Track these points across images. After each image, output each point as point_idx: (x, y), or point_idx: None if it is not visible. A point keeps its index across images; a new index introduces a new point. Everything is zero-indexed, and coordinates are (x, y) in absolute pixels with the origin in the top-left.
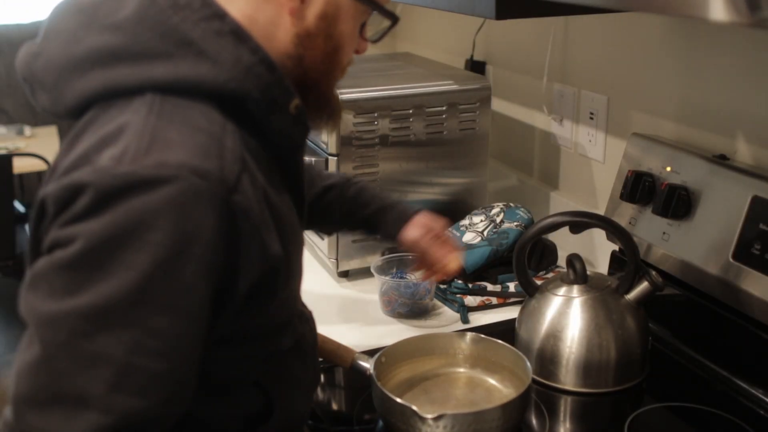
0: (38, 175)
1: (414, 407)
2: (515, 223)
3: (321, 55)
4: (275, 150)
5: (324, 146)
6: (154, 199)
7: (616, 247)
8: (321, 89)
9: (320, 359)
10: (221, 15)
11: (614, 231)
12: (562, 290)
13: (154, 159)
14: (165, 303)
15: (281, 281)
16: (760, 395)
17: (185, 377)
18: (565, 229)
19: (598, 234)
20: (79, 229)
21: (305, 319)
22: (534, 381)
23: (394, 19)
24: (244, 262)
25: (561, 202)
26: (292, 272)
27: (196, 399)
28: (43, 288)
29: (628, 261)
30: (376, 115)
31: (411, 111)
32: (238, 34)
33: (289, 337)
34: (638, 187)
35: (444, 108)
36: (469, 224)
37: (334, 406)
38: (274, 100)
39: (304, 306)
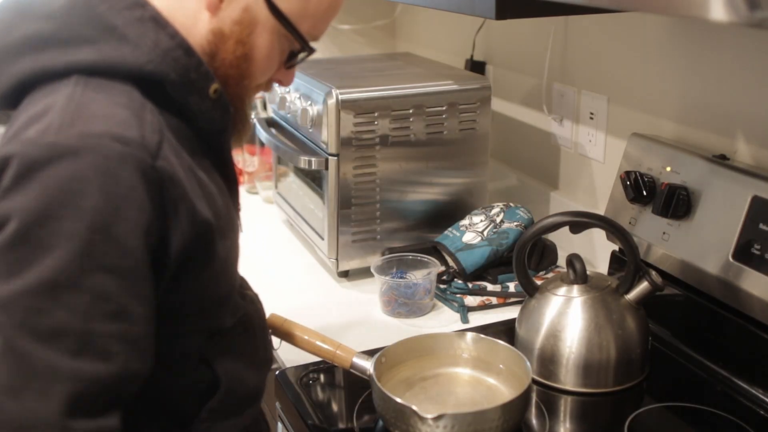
0: None
1: (414, 407)
2: (515, 223)
3: (231, 58)
4: (200, 133)
5: (324, 146)
6: (80, 167)
7: (616, 247)
8: (229, 91)
9: (320, 358)
10: (142, 3)
11: (614, 231)
12: (562, 290)
13: (78, 130)
14: (109, 265)
15: (213, 250)
16: (760, 395)
17: (143, 335)
18: (565, 229)
19: (598, 234)
20: (10, 206)
21: (250, 299)
22: (534, 381)
23: (310, 51)
24: (174, 224)
25: (561, 202)
26: (226, 246)
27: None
28: None
29: (628, 261)
30: (376, 115)
31: (411, 111)
32: (157, 20)
33: (230, 315)
34: (635, 187)
35: (444, 108)
36: (469, 224)
37: (334, 406)
38: (192, 83)
39: (249, 289)
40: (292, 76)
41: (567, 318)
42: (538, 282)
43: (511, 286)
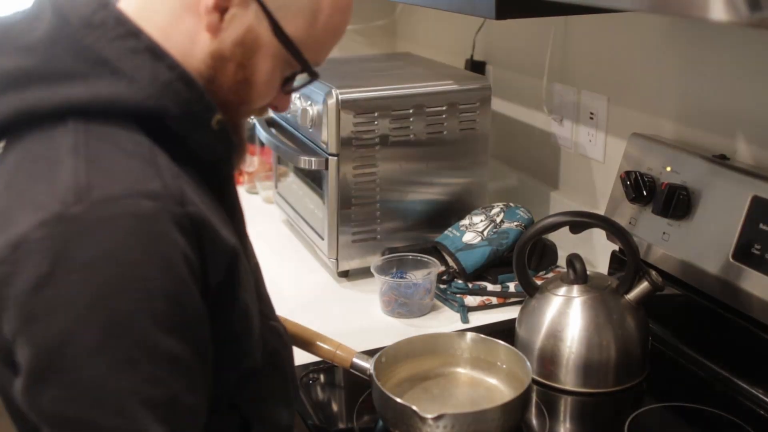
0: None
1: (414, 407)
2: (515, 223)
3: (231, 82)
4: (202, 166)
5: (324, 146)
6: (117, 237)
7: (616, 247)
8: (229, 116)
9: (320, 358)
10: (136, 33)
11: (614, 231)
12: (562, 290)
13: (100, 194)
14: (177, 327)
15: (239, 278)
16: (761, 395)
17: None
18: (565, 229)
19: (598, 234)
20: (55, 302)
21: (277, 332)
22: (534, 381)
23: (314, 76)
24: (210, 263)
25: (561, 202)
26: (246, 271)
27: None
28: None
29: (628, 261)
30: (376, 115)
31: (411, 111)
32: (154, 51)
33: (260, 350)
34: (635, 187)
35: (444, 108)
36: (469, 224)
37: (334, 406)
38: (194, 116)
39: (275, 319)
40: (288, 101)
41: (567, 318)
42: (538, 282)
43: (511, 286)
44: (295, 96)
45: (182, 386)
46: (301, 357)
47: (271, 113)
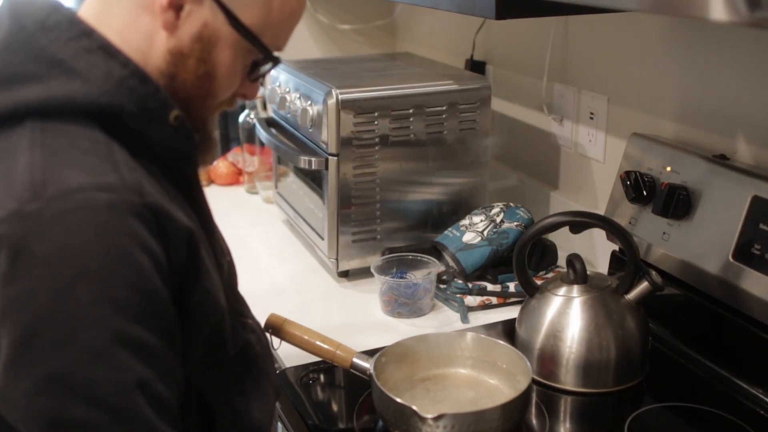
0: None
1: (414, 407)
2: (515, 223)
3: (193, 78)
4: (165, 163)
5: (324, 146)
6: (72, 229)
7: (616, 247)
8: (192, 114)
9: (320, 358)
10: (88, 32)
11: (614, 231)
12: (562, 290)
13: (54, 189)
14: (138, 315)
15: (200, 262)
16: (760, 395)
17: (177, 367)
18: (565, 229)
19: (598, 234)
20: (16, 294)
21: (251, 329)
22: (534, 381)
23: (275, 62)
24: (172, 250)
25: (561, 202)
26: (208, 259)
27: None
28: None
29: (628, 261)
30: (376, 115)
31: (411, 111)
32: (106, 49)
33: (231, 343)
34: (635, 187)
35: (444, 108)
36: (469, 224)
37: (334, 406)
38: (150, 112)
39: (250, 317)
40: (256, 88)
41: (567, 318)
42: (538, 282)
43: (511, 286)
44: (295, 96)
45: (152, 374)
46: (301, 357)
47: (271, 113)
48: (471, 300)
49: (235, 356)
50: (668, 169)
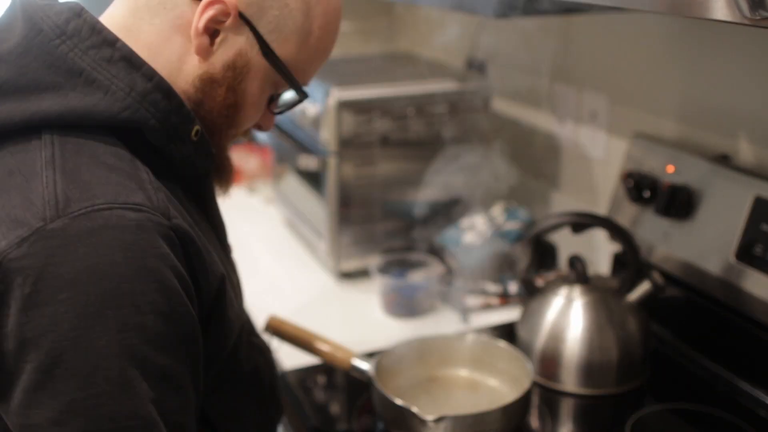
0: None
1: (414, 409)
2: (515, 223)
3: (220, 107)
4: (183, 178)
5: (324, 146)
6: (100, 250)
7: (617, 248)
8: (214, 141)
9: (321, 360)
10: (111, 41)
11: (616, 231)
12: (563, 291)
13: (80, 206)
14: (164, 343)
15: (226, 301)
16: (763, 397)
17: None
18: (566, 230)
19: (600, 234)
20: (42, 321)
21: (258, 349)
22: (535, 382)
23: (303, 97)
24: (201, 283)
25: (562, 202)
26: (230, 299)
27: None
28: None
29: (630, 262)
30: (376, 115)
31: (411, 111)
32: (130, 60)
33: (243, 365)
34: (637, 187)
35: (444, 108)
36: (470, 224)
37: (334, 408)
38: (174, 127)
39: (257, 336)
40: (272, 120)
41: (568, 319)
42: (539, 283)
43: (512, 287)
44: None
45: (177, 405)
46: (300, 358)
47: None
48: (471, 300)
49: (242, 380)
50: (670, 169)
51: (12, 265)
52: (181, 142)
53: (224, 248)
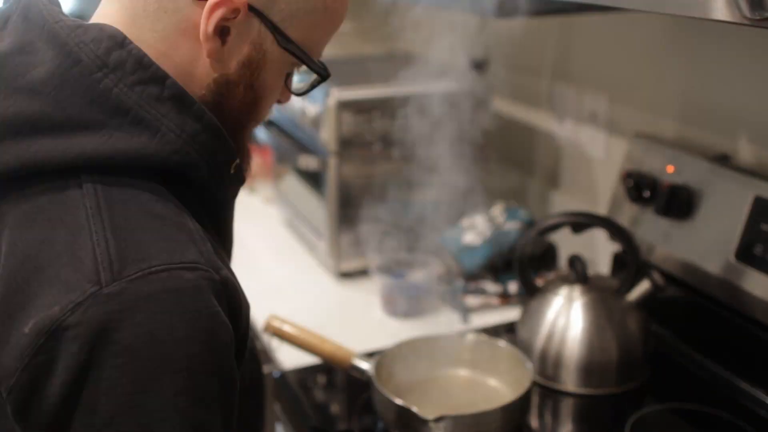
0: None
1: (414, 409)
2: (515, 223)
3: (240, 105)
4: (209, 203)
5: (324, 146)
6: (158, 315)
7: (617, 248)
8: (236, 137)
9: (321, 361)
10: (161, 77)
11: (615, 231)
12: (563, 291)
13: (136, 268)
14: (220, 402)
15: (249, 338)
16: (762, 396)
17: None
18: (566, 230)
19: (600, 234)
20: (96, 389)
21: (255, 358)
22: (535, 382)
23: (324, 75)
24: (240, 331)
25: (561, 202)
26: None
27: None
28: None
29: (630, 261)
30: (376, 115)
31: (411, 111)
32: (180, 99)
33: (245, 379)
34: (636, 187)
35: (444, 108)
36: (470, 224)
37: (334, 408)
38: (218, 166)
39: (252, 341)
40: (290, 93)
41: (568, 319)
42: (539, 282)
43: (512, 287)
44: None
45: None
46: (300, 358)
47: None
48: (471, 300)
49: (245, 391)
50: (670, 169)
51: (68, 333)
52: (221, 179)
53: (229, 257)
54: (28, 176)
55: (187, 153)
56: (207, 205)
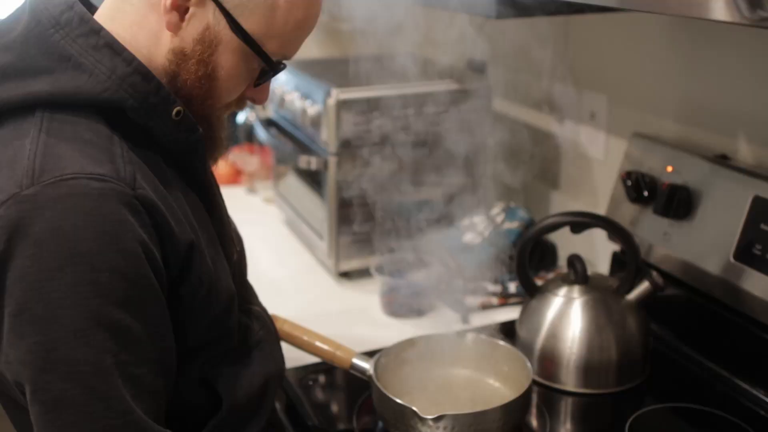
0: None
1: (414, 408)
2: (515, 223)
3: (193, 78)
4: (171, 154)
5: (324, 146)
6: (65, 214)
7: (616, 248)
8: (193, 111)
9: (320, 359)
10: (97, 30)
11: (615, 231)
12: (563, 291)
13: (50, 176)
14: (122, 299)
15: (201, 271)
16: (762, 396)
17: (169, 356)
18: (566, 229)
19: (599, 234)
20: (8, 273)
21: (255, 315)
22: (534, 382)
23: (274, 70)
24: (166, 250)
25: (561, 202)
26: (210, 263)
27: None
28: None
29: (629, 261)
30: (376, 115)
31: (411, 111)
32: (112, 46)
33: (234, 335)
34: (636, 187)
35: (444, 108)
36: (469, 224)
37: (334, 407)
38: (152, 107)
39: (256, 304)
40: (265, 93)
41: (568, 319)
42: (539, 282)
43: (512, 287)
44: (295, 96)
45: (132, 358)
46: (300, 358)
47: (271, 113)
48: (471, 300)
49: (236, 343)
50: (669, 169)
51: None
52: (161, 121)
53: (218, 221)
54: (0, 113)
55: (116, 91)
56: (169, 156)
